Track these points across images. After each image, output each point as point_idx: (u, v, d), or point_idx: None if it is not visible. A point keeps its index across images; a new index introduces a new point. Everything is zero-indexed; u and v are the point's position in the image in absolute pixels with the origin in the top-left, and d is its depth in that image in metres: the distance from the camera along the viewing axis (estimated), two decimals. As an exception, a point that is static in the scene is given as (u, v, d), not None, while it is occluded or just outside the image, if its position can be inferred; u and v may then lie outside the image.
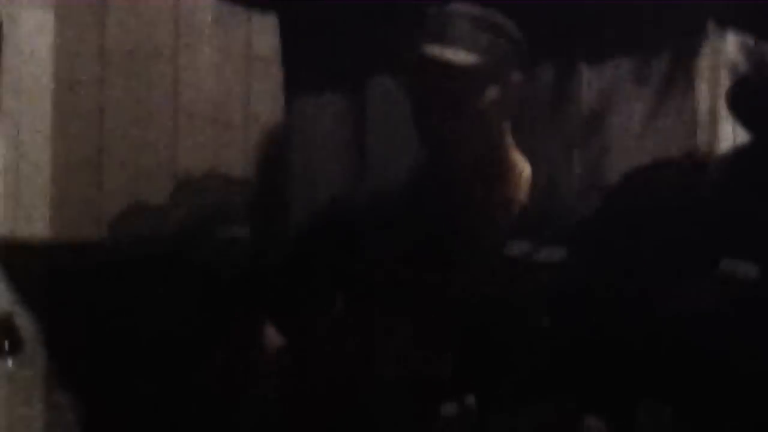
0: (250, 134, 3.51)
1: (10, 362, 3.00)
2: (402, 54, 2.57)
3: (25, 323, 3.12)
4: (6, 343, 3.00)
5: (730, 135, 2.82)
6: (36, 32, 3.46)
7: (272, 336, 2.61)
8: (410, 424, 2.47)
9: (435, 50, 2.49)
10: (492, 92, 2.52)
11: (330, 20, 3.09)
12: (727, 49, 2.88)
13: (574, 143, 2.90)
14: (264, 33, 3.36)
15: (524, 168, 2.56)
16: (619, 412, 2.49)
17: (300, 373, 2.60)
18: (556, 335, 2.45)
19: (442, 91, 2.52)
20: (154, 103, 3.52)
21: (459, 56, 2.49)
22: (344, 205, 2.72)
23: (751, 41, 2.88)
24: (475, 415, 2.43)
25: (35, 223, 3.45)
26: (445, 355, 2.48)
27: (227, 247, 3.10)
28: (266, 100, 3.44)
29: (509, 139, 2.55)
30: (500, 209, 2.57)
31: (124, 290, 3.21)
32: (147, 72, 3.53)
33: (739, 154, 2.56)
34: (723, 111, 2.83)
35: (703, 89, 2.89)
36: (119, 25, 3.50)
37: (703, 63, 2.89)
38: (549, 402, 2.46)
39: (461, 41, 2.51)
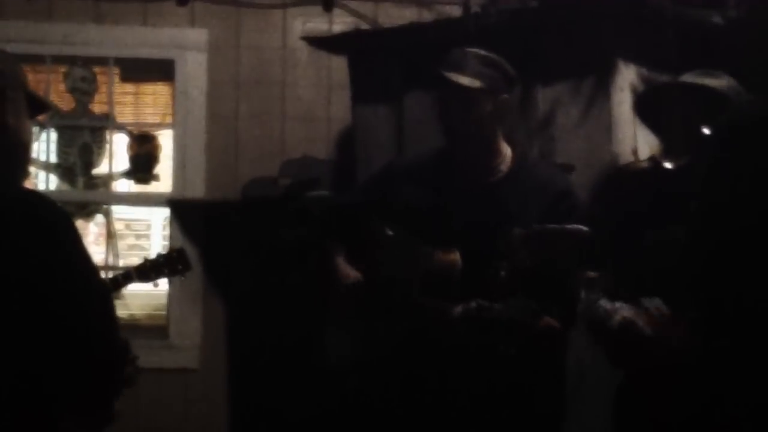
0: (331, 132, 4.47)
1: (183, 278, 3.31)
2: (434, 78, 2.90)
3: (191, 254, 3.52)
4: (180, 267, 3.27)
5: (632, 130, 3.31)
6: (195, 67, 4.45)
7: (343, 264, 2.98)
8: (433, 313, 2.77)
9: (454, 76, 2.87)
10: (489, 105, 2.90)
11: (380, 54, 3.76)
12: (630, 76, 3.42)
13: (534, 135, 3.49)
14: (340, 67, 4.17)
15: (507, 150, 2.98)
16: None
17: (365, 275, 2.92)
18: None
19: (459, 103, 2.89)
20: (270, 112, 4.51)
21: (470, 81, 2.89)
22: (387, 174, 3.05)
23: (644, 71, 3.41)
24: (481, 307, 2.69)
25: (195, 190, 4.47)
26: (455, 269, 2.76)
27: (315, 203, 3.81)
28: (341, 109, 4.31)
29: (499, 133, 2.94)
30: (491, 172, 2.94)
31: (250, 231, 4.11)
32: (265, 92, 4.51)
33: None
34: (627, 115, 3.33)
35: (615, 101, 3.40)
36: (247, 61, 4.49)
37: (615, 84, 3.40)
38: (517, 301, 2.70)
39: (472, 72, 2.89)
